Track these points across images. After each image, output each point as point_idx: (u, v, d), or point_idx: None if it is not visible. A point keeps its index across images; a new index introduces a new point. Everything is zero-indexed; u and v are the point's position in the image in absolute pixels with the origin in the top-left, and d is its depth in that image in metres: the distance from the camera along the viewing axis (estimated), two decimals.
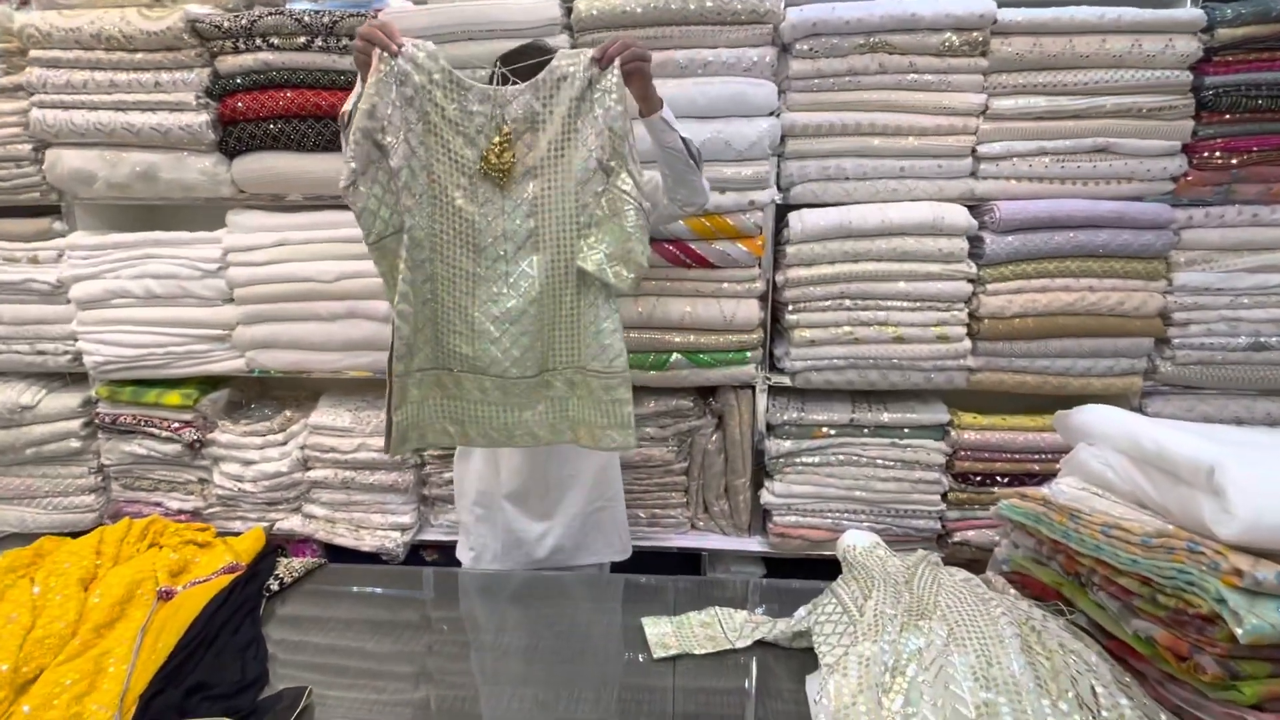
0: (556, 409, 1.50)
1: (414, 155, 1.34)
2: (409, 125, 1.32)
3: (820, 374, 2.07)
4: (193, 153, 2.12)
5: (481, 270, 1.41)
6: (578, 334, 1.45)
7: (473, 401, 1.48)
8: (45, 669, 1.14)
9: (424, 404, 1.49)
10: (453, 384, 1.48)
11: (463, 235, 1.40)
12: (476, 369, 1.45)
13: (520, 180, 1.38)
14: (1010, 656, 1.06)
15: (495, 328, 1.41)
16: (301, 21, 1.97)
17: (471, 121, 1.35)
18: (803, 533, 2.18)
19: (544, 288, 1.41)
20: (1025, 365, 2.04)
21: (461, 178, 1.37)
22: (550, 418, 1.50)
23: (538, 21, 1.88)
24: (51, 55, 2.06)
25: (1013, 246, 1.93)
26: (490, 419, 1.49)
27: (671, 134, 1.42)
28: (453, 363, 1.46)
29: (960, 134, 1.93)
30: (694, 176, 1.50)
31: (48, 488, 2.40)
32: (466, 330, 1.43)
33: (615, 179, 1.37)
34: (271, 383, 2.54)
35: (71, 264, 2.23)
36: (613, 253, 1.37)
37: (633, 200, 1.37)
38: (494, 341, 1.42)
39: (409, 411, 1.47)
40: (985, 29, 1.85)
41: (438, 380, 1.48)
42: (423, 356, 1.45)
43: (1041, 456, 2.07)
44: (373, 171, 1.33)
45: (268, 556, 1.52)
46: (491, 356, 1.43)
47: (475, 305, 1.42)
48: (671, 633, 1.29)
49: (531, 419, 1.49)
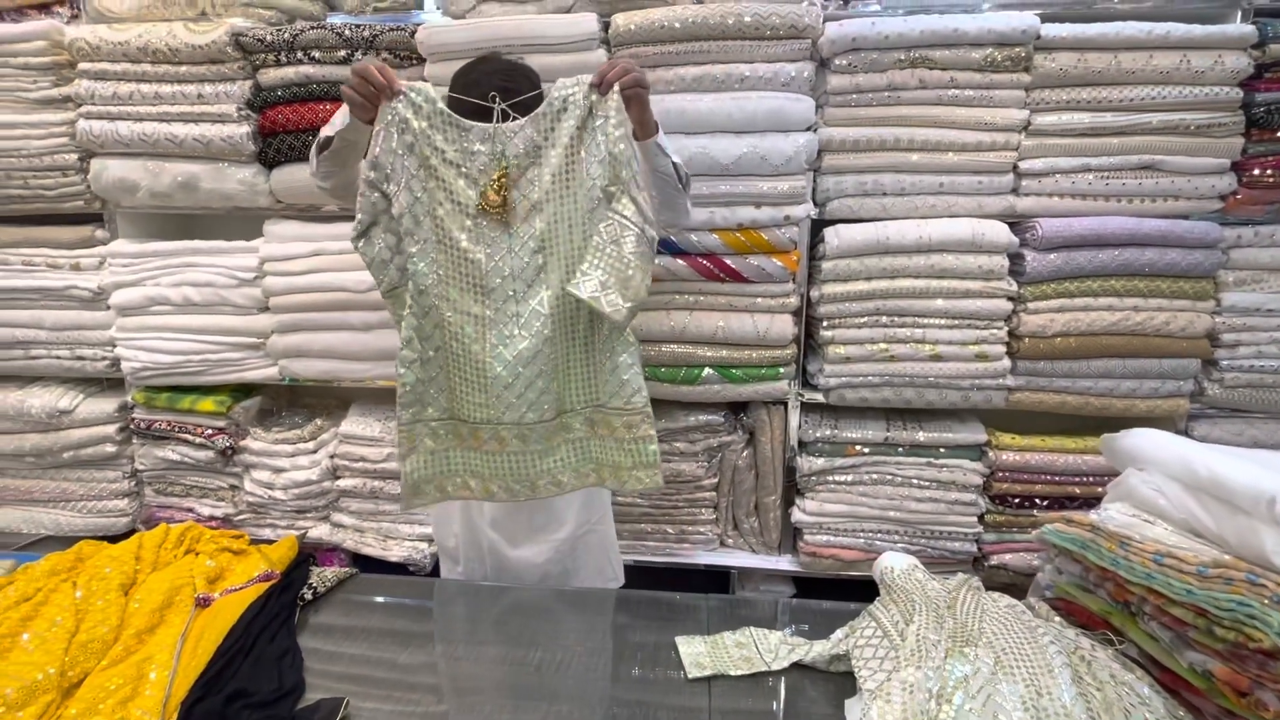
0: (578, 451, 1.43)
1: (416, 201, 1.30)
2: (410, 172, 1.29)
3: (855, 391, 2.04)
4: (233, 163, 2.16)
5: (491, 313, 1.34)
6: (594, 370, 1.40)
7: (491, 453, 1.40)
8: (89, 673, 1.16)
9: (441, 456, 1.42)
10: (469, 434, 1.41)
11: (470, 278, 1.33)
12: (491, 419, 1.37)
13: (526, 216, 1.32)
14: (1061, 687, 1.03)
15: (508, 372, 1.34)
16: (342, 35, 2.00)
17: (474, 161, 1.30)
18: (834, 552, 2.15)
19: (556, 325, 1.35)
20: (1066, 385, 1.99)
21: (465, 219, 1.32)
22: (573, 461, 1.43)
23: (576, 36, 1.89)
24: (100, 68, 2.11)
25: (1055, 264, 1.89)
26: (512, 470, 1.41)
27: (664, 159, 1.40)
28: (467, 413, 1.38)
29: (1001, 150, 1.90)
30: (682, 199, 1.48)
31: (82, 491, 2.44)
32: (478, 378, 1.35)
33: (615, 204, 1.31)
34: (301, 391, 2.55)
35: (112, 271, 2.27)
36: (608, 280, 1.29)
37: (634, 226, 1.31)
38: (508, 386, 1.34)
39: (421, 463, 1.41)
40: (1028, 44, 1.83)
41: (454, 431, 1.42)
42: (436, 407, 1.40)
43: (1083, 480, 2.02)
44: (384, 221, 1.31)
45: (301, 565, 1.52)
46: (507, 402, 1.35)
47: (487, 350, 1.34)
48: (706, 652, 1.27)
49: (554, 465, 1.42)
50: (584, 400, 1.42)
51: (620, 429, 1.41)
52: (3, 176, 2.22)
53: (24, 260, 2.29)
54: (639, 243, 1.30)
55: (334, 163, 1.41)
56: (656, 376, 2.08)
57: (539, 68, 1.89)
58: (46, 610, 1.29)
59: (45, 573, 1.39)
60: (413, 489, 1.43)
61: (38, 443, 2.36)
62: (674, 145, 1.88)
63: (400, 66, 2.02)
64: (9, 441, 2.38)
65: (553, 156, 1.31)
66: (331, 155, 1.39)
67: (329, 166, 1.42)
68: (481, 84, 1.35)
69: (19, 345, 2.36)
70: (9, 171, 2.21)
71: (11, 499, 2.45)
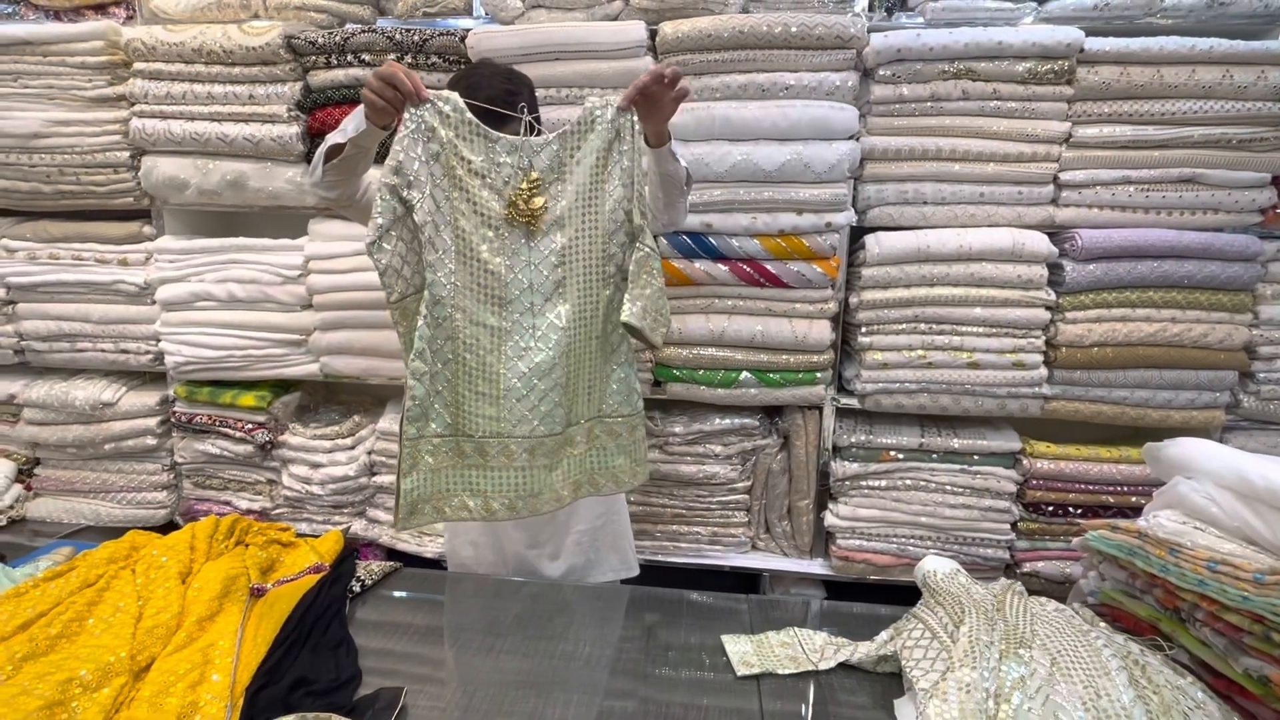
0: (576, 465, 1.44)
1: (438, 210, 1.28)
2: (434, 180, 1.27)
3: (891, 397, 2.06)
4: (281, 163, 2.19)
5: (507, 324, 1.34)
6: (601, 383, 1.42)
7: (497, 469, 1.38)
8: (156, 658, 1.18)
9: (440, 474, 1.38)
10: (474, 451, 1.38)
11: (487, 289, 1.33)
12: (501, 432, 1.35)
13: (548, 230, 1.33)
14: (1119, 689, 1.05)
15: (523, 384, 1.33)
16: (393, 39, 2.04)
17: (499, 172, 1.30)
18: (866, 557, 2.16)
19: (571, 339, 1.36)
20: (1103, 395, 2.01)
21: (488, 230, 1.31)
22: (573, 475, 1.44)
23: (625, 44, 1.92)
24: (154, 68, 2.15)
25: (1094, 275, 1.91)
26: (517, 485, 1.38)
27: (676, 164, 1.42)
28: (474, 428, 1.36)
29: (1042, 161, 1.92)
30: (683, 201, 1.51)
31: (122, 483, 2.47)
32: (491, 390, 1.34)
33: (644, 239, 1.35)
34: (337, 387, 2.59)
35: (158, 267, 2.31)
36: (648, 308, 1.33)
37: (658, 259, 1.36)
38: (521, 399, 1.34)
39: (420, 480, 1.37)
40: (1072, 58, 1.85)
41: (456, 448, 1.38)
42: (440, 423, 1.36)
43: (1117, 489, 2.03)
44: (398, 229, 1.28)
45: (348, 558, 1.54)
46: (519, 415, 1.34)
47: (501, 362, 1.34)
48: (752, 651, 1.29)
49: (557, 479, 1.41)
50: (589, 413, 1.44)
51: (624, 434, 1.45)
52: (56, 172, 2.26)
53: (74, 254, 2.32)
54: (661, 276, 1.37)
55: (342, 171, 1.39)
56: (694, 379, 2.10)
57: (586, 74, 1.95)
58: (109, 596, 1.32)
59: (104, 560, 1.41)
60: (410, 508, 1.37)
61: (80, 434, 2.39)
62: (718, 152, 1.93)
63: (449, 71, 2.05)
64: (53, 432, 2.41)
65: (578, 174, 1.32)
66: (341, 163, 1.37)
67: (336, 175, 1.40)
68: (483, 87, 1.38)
69: (65, 338, 2.40)
70: (62, 168, 2.25)
71: (53, 489, 2.49)
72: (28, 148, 2.24)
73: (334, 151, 1.37)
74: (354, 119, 1.32)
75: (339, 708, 1.10)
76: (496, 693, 1.17)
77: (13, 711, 1.00)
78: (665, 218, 1.52)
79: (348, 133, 1.33)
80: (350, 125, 1.33)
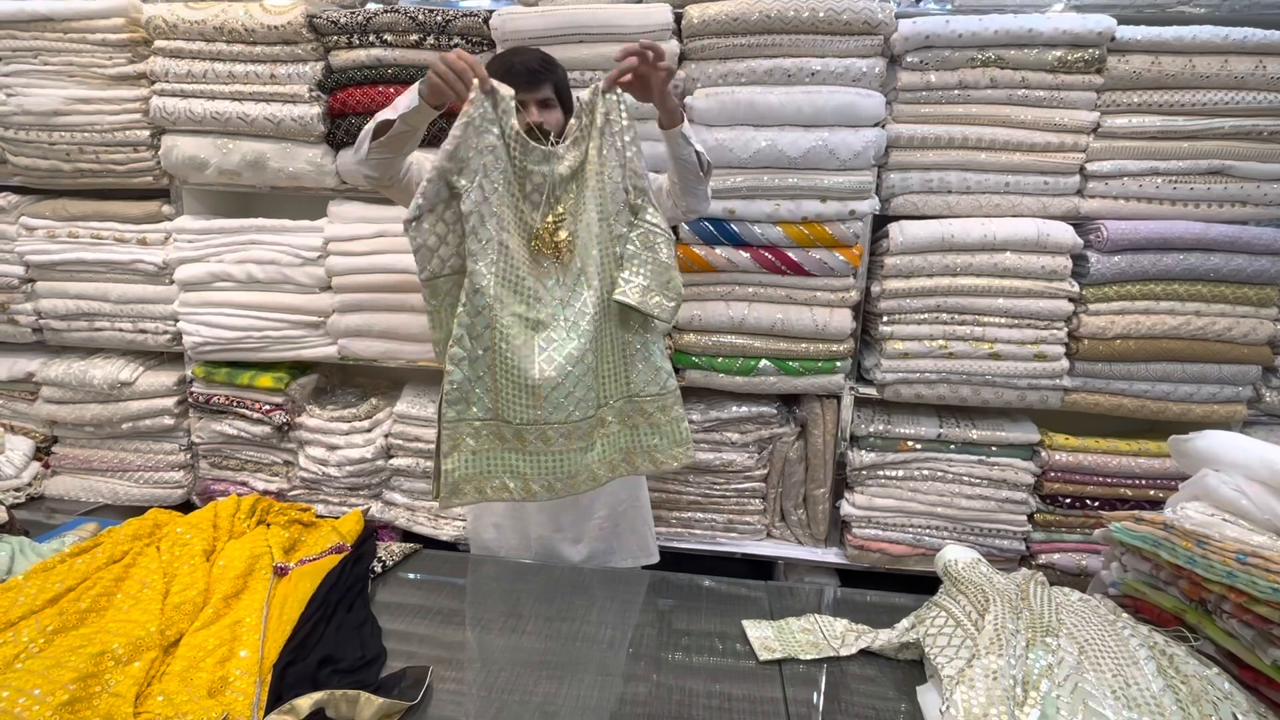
0: (611, 444, 1.46)
1: (485, 202, 1.29)
2: (485, 172, 1.28)
3: (910, 387, 2.05)
4: (301, 143, 2.19)
5: (542, 316, 1.37)
6: (626, 363, 1.43)
7: (534, 453, 1.40)
8: (184, 633, 1.19)
9: (480, 456, 1.41)
10: (513, 435, 1.40)
11: (523, 282, 1.36)
12: (538, 419, 1.37)
13: (568, 221, 1.37)
14: (1148, 678, 1.05)
15: (558, 373, 1.35)
16: (416, 19, 2.03)
17: (530, 179, 1.34)
18: (882, 546, 2.16)
19: (598, 324, 1.38)
20: (1124, 388, 2.00)
21: (524, 228, 1.36)
22: (608, 454, 1.46)
23: (650, 26, 1.90)
24: (175, 46, 2.14)
25: (1119, 267, 1.89)
26: (554, 468, 1.41)
27: (688, 148, 1.41)
28: (512, 415, 1.38)
29: (1070, 151, 1.90)
30: (702, 186, 1.49)
31: (140, 462, 2.48)
32: (526, 381, 1.35)
33: (644, 215, 1.37)
34: (354, 369, 2.59)
35: (177, 247, 2.31)
36: (650, 284, 1.36)
37: (663, 233, 1.37)
38: (556, 387, 1.35)
39: (461, 461, 1.40)
40: (1103, 46, 1.83)
41: (498, 433, 1.40)
42: (481, 407, 1.39)
43: (1136, 482, 2.02)
44: (440, 210, 1.30)
45: (368, 539, 1.55)
46: (555, 403, 1.36)
47: (536, 353, 1.36)
48: (774, 636, 1.30)
49: (592, 459, 1.43)
50: (618, 393, 1.45)
51: (656, 413, 1.45)
52: (75, 150, 2.25)
53: (93, 233, 2.33)
54: (669, 247, 1.38)
55: (388, 148, 1.39)
56: (713, 367, 2.10)
57: (610, 57, 1.91)
58: (135, 572, 1.33)
59: (129, 537, 1.43)
60: (452, 489, 1.40)
61: (98, 413, 2.40)
62: (742, 138, 1.92)
63: (472, 52, 2.04)
64: (70, 411, 2.42)
65: (585, 160, 1.35)
66: (389, 140, 1.37)
67: (382, 153, 1.40)
68: (518, 71, 1.39)
69: (84, 317, 2.40)
70: (81, 146, 2.25)
71: (71, 467, 2.50)
72: (47, 125, 2.23)
73: (382, 129, 1.36)
74: (406, 96, 1.33)
75: (365, 685, 1.11)
76: (517, 673, 1.17)
77: (46, 683, 1.00)
78: (684, 204, 1.51)
79: (399, 109, 1.33)
80: (402, 102, 1.32)
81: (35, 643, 1.13)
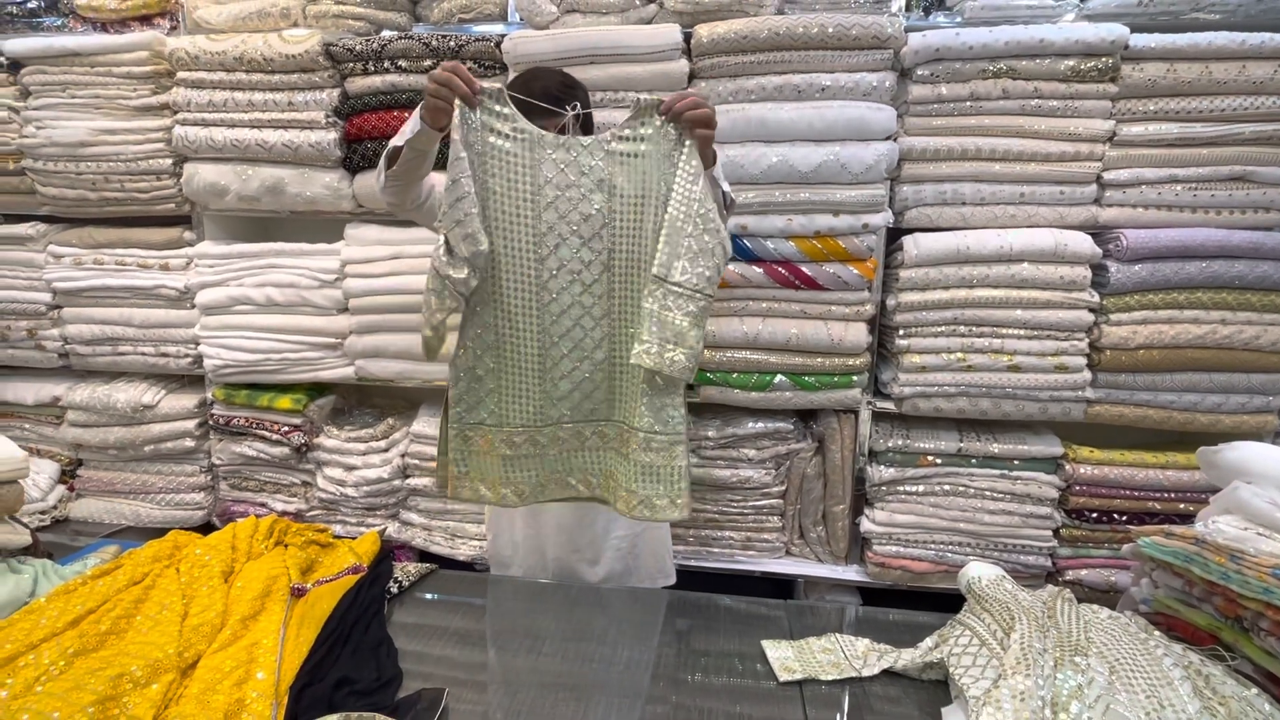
0: (595, 461, 1.45)
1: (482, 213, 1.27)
2: (488, 173, 1.27)
3: (929, 401, 2.03)
4: (318, 168, 2.22)
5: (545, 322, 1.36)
6: (632, 392, 1.38)
7: (526, 456, 1.43)
8: (202, 655, 1.19)
9: (486, 457, 1.42)
10: (525, 441, 1.42)
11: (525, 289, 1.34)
12: (536, 423, 1.40)
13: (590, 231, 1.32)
14: (1184, 699, 1.02)
15: (563, 378, 1.37)
16: (429, 45, 2.06)
17: (542, 170, 1.29)
18: (903, 564, 2.12)
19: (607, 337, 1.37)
20: (1148, 399, 1.96)
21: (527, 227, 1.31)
22: (596, 471, 1.46)
23: (659, 46, 1.92)
24: (197, 76, 2.19)
25: (1140, 276, 1.87)
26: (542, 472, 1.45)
27: (717, 189, 1.38)
28: (516, 415, 1.40)
29: (1085, 160, 1.89)
30: (725, 223, 1.44)
31: (161, 484, 2.51)
32: (536, 383, 1.38)
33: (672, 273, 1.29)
34: (371, 390, 2.61)
35: (198, 271, 2.34)
36: (666, 338, 1.29)
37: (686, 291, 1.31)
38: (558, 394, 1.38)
39: (460, 458, 1.42)
40: (1116, 55, 1.81)
41: (507, 439, 1.41)
42: (485, 410, 1.40)
43: (1164, 495, 1.97)
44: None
45: (385, 559, 1.55)
46: (554, 399, 1.39)
47: (540, 355, 1.37)
48: (793, 656, 1.27)
49: (586, 462, 1.45)
50: (618, 416, 1.42)
51: (655, 455, 1.35)
52: (101, 180, 2.31)
53: (117, 260, 2.37)
54: (692, 304, 1.28)
55: (402, 176, 1.39)
56: (729, 382, 2.09)
57: (621, 77, 1.96)
58: (155, 594, 1.33)
59: (149, 558, 1.43)
60: (457, 483, 1.44)
61: (121, 436, 2.44)
62: (754, 154, 1.92)
63: (484, 76, 2.07)
64: (94, 434, 2.46)
65: (628, 179, 1.30)
66: (400, 168, 1.36)
67: (397, 181, 1.40)
68: (537, 88, 1.38)
69: (108, 341, 2.44)
70: (107, 175, 2.30)
71: (95, 490, 2.53)
72: (75, 156, 2.29)
73: (395, 157, 1.37)
74: (411, 122, 1.32)
75: (381, 707, 1.10)
76: (535, 695, 1.16)
77: (66, 705, 1.01)
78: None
79: (405, 135, 1.33)
80: (408, 128, 1.32)
81: (56, 665, 1.13)
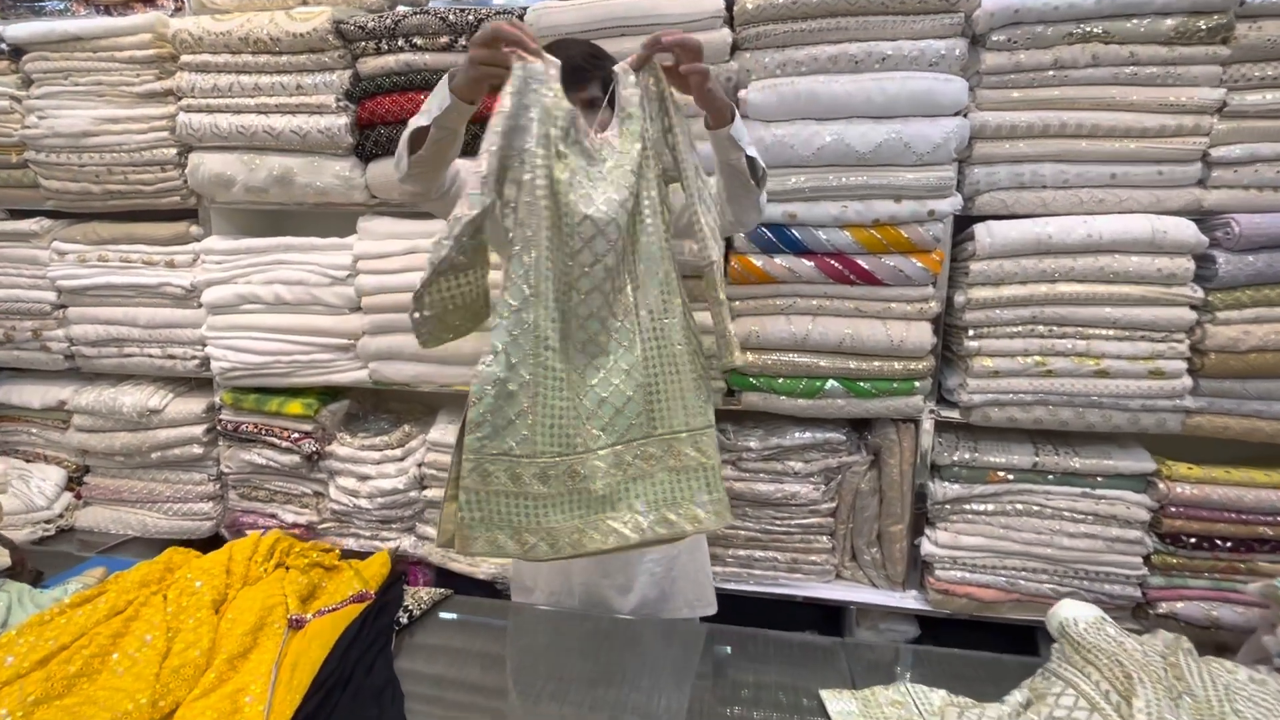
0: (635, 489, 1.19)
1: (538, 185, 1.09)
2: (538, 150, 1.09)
3: (1002, 410, 1.81)
4: (329, 156, 2.08)
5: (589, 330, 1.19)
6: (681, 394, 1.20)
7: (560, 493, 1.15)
8: (181, 703, 1.07)
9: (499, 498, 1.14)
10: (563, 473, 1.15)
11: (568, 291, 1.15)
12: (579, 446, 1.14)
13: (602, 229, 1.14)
14: None
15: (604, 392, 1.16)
16: (446, 20, 1.90)
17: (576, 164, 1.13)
18: (969, 591, 1.91)
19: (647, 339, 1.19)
20: (1260, 409, 1.72)
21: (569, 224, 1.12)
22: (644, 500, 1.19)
23: (698, 14, 1.74)
24: (201, 59, 2.06)
25: (1254, 268, 1.64)
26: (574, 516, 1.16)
27: (737, 152, 1.19)
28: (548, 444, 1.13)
29: (1189, 135, 1.66)
30: (751, 196, 1.26)
31: (169, 493, 2.39)
32: (575, 397, 1.15)
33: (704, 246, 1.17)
34: (387, 395, 2.47)
35: (205, 268, 2.22)
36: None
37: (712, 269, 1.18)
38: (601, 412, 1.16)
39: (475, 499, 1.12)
40: (1229, 11, 1.59)
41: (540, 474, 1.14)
42: (514, 437, 1.12)
43: (1276, 520, 1.74)
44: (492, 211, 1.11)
45: (394, 585, 1.41)
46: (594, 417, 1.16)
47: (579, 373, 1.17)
48: (858, 711, 1.10)
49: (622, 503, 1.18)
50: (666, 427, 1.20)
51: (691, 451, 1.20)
52: (104, 172, 2.20)
53: (122, 257, 2.26)
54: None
55: (429, 160, 1.19)
56: (773, 388, 1.90)
57: None
58: (137, 626, 1.22)
59: (136, 584, 1.32)
60: (459, 528, 1.14)
61: (127, 441, 2.32)
62: (804, 133, 1.72)
63: None
64: (101, 439, 2.35)
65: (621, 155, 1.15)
66: (428, 150, 1.17)
67: (421, 167, 1.20)
68: (573, 61, 1.19)
69: (114, 342, 2.34)
70: (110, 167, 2.19)
71: (102, 498, 2.43)
72: (77, 147, 2.19)
73: (417, 139, 1.18)
74: (435, 97, 1.14)
75: None
76: None
77: None
78: (730, 215, 1.29)
79: (431, 112, 1.14)
80: (433, 104, 1.14)
81: (14, 716, 1.01)
